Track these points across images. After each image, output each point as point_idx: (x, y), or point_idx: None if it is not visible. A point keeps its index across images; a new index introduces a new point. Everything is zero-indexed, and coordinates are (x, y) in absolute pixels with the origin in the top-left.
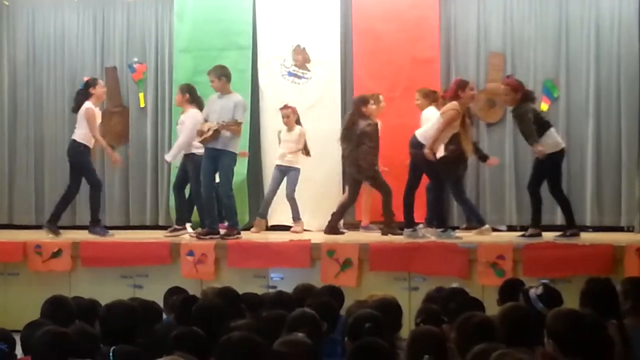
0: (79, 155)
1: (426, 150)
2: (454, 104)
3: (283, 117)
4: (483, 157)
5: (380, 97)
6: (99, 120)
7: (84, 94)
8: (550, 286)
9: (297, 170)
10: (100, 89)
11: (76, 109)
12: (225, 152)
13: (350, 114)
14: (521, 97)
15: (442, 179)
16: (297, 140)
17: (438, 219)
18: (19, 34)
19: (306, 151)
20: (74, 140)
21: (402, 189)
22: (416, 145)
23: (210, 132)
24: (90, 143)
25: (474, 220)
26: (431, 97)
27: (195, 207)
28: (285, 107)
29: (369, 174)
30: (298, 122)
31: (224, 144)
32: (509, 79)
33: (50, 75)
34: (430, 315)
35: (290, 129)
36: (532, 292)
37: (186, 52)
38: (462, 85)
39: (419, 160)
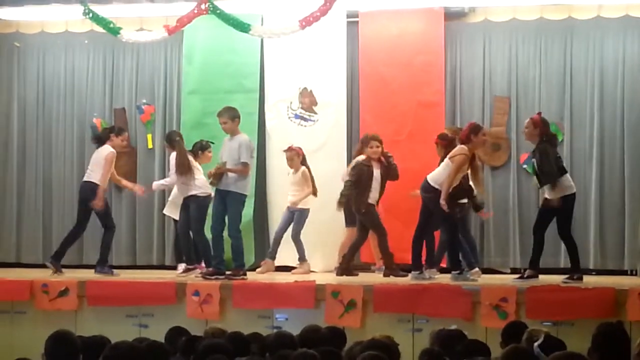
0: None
1: (442, 201)
2: (462, 147)
3: (287, 160)
4: (477, 207)
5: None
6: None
7: (106, 135)
8: (552, 335)
9: (303, 211)
10: (121, 141)
11: (97, 140)
12: (232, 193)
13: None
14: (540, 133)
15: (455, 222)
16: (299, 182)
17: (453, 261)
18: (29, 75)
19: (313, 191)
20: (93, 183)
21: (404, 231)
22: (428, 189)
23: (213, 173)
24: (106, 185)
25: (466, 262)
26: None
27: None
28: (289, 149)
29: (362, 213)
30: (304, 162)
31: (230, 185)
32: (535, 115)
33: (59, 115)
34: (434, 356)
35: (295, 171)
36: (536, 346)
37: (194, 94)
38: (476, 130)
39: (432, 204)
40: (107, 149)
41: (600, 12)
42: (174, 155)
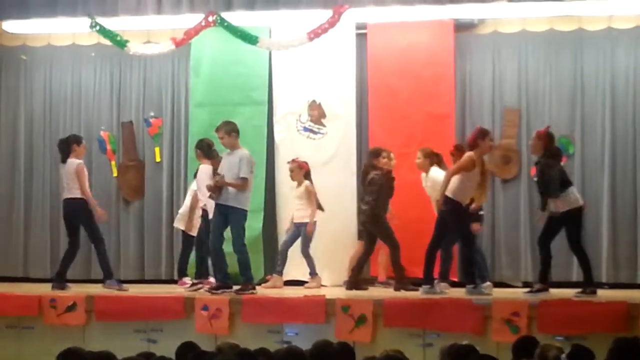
0: (82, 213)
1: (437, 198)
2: (469, 153)
3: (289, 172)
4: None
5: (392, 154)
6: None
7: (69, 147)
8: (581, 345)
9: (307, 225)
10: (82, 149)
11: (65, 156)
12: (233, 208)
13: (364, 166)
14: (543, 146)
15: (472, 235)
16: (301, 196)
17: (469, 275)
18: (36, 88)
19: (318, 205)
20: (74, 199)
21: (415, 244)
22: (445, 201)
23: (212, 186)
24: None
25: (480, 276)
26: (433, 159)
27: (195, 261)
28: (292, 161)
29: (375, 225)
30: (307, 176)
31: (230, 200)
32: (541, 129)
33: (66, 128)
34: None
35: (298, 185)
36: (564, 357)
37: (202, 107)
38: (483, 134)
39: (449, 217)
40: (73, 163)
41: (610, 23)
42: (204, 167)
